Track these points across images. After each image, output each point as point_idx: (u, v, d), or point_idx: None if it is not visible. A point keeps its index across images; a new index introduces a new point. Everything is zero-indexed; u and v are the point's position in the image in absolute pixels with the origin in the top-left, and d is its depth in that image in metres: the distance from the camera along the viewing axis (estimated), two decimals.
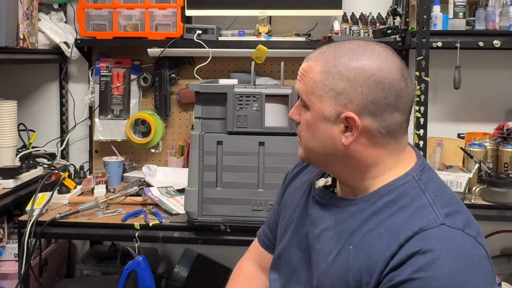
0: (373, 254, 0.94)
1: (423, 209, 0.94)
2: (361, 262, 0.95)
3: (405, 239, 0.90)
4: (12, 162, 2.14)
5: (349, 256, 0.97)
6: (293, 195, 1.20)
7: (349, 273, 0.96)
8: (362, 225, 0.99)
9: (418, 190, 0.98)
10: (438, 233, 0.90)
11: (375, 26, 2.29)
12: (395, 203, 0.97)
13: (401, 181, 1.00)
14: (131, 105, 2.51)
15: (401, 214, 0.95)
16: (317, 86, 0.99)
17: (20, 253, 1.82)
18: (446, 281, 0.85)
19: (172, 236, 1.81)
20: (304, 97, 1.02)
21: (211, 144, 1.70)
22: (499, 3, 2.10)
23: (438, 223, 0.91)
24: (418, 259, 0.87)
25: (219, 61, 2.45)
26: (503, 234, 2.40)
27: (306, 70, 1.02)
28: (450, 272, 0.86)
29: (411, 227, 0.91)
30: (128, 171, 2.42)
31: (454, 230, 0.91)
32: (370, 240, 0.96)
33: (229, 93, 1.70)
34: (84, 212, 1.88)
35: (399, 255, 0.89)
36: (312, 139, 1.03)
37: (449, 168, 2.03)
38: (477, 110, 2.44)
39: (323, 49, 1.03)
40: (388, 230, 0.94)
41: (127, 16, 2.37)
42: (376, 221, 0.97)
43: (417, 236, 0.90)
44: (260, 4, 2.32)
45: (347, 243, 1.00)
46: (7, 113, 2.12)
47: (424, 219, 0.92)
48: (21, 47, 2.10)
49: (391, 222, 0.95)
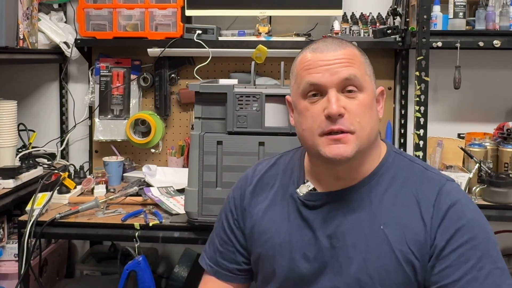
0: (410, 223, 1.03)
1: (425, 173, 1.08)
2: (402, 234, 1.02)
3: (434, 199, 1.03)
4: (12, 162, 2.14)
5: (386, 235, 1.03)
6: (266, 218, 1.15)
7: (395, 249, 1.02)
8: (379, 203, 1.05)
9: (407, 161, 1.11)
10: (451, 187, 1.06)
11: (375, 26, 2.29)
12: (397, 177, 1.08)
13: (389, 158, 1.11)
14: (131, 105, 2.51)
15: (409, 183, 1.06)
16: (366, 67, 1.08)
17: (20, 253, 1.81)
18: (477, 218, 1.03)
19: (172, 236, 1.81)
20: (360, 80, 1.03)
21: (211, 144, 1.70)
22: (499, 3, 2.10)
23: (445, 180, 1.07)
24: (454, 209, 1.02)
25: (219, 61, 2.45)
26: (503, 234, 2.40)
27: (351, 54, 1.05)
28: (475, 211, 1.05)
29: (430, 189, 1.05)
30: (128, 171, 2.42)
31: (453, 182, 1.08)
32: (398, 212, 1.04)
33: (229, 93, 1.70)
34: (84, 212, 1.88)
35: (436, 212, 1.02)
36: (370, 120, 1.05)
37: (449, 168, 2.03)
38: (477, 110, 2.44)
39: (330, 38, 1.09)
40: (409, 200, 1.05)
41: (127, 16, 2.37)
42: (391, 196, 1.06)
43: (441, 193, 1.04)
44: (260, 4, 2.32)
45: (374, 225, 1.04)
46: (7, 113, 2.12)
47: (434, 180, 1.07)
48: (21, 47, 2.10)
49: (406, 192, 1.06)
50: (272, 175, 1.20)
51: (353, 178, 1.08)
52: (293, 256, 1.10)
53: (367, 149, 1.05)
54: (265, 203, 1.17)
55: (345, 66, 1.02)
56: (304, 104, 1.05)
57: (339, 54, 1.03)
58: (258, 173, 1.22)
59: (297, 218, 1.11)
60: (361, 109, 1.02)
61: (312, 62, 1.04)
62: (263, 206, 1.17)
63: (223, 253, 1.23)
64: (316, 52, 1.05)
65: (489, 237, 1.03)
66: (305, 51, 1.08)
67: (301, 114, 1.06)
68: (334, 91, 1.01)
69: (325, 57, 1.03)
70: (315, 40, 1.12)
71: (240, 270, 1.23)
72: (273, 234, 1.13)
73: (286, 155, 1.24)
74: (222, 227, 1.24)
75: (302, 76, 1.06)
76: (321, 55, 1.04)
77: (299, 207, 1.11)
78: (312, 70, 1.04)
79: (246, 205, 1.20)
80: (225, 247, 1.23)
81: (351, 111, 1.01)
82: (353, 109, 1.01)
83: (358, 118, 1.01)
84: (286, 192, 1.15)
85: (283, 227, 1.12)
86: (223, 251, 1.23)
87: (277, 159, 1.25)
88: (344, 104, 1.01)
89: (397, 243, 1.02)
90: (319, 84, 1.02)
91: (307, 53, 1.07)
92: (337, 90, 1.02)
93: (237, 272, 1.23)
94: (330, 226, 1.07)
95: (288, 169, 1.19)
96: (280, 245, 1.12)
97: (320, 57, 1.04)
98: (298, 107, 1.07)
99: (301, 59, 1.08)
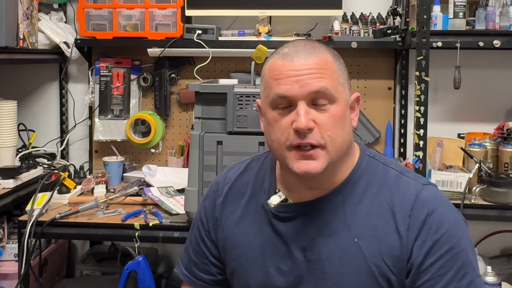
0: (385, 236, 0.99)
1: (400, 179, 1.04)
2: (377, 248, 0.99)
3: (410, 209, 0.99)
4: (12, 162, 2.14)
5: (361, 249, 0.99)
6: (238, 230, 1.12)
7: (370, 263, 0.99)
8: (354, 215, 1.02)
9: (382, 166, 1.06)
10: (428, 194, 1.01)
11: (375, 26, 2.29)
12: (371, 184, 1.04)
13: (362, 163, 1.06)
14: (131, 105, 2.51)
15: (384, 191, 1.02)
16: (339, 75, 1.01)
17: (20, 253, 1.81)
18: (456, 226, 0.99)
19: (172, 236, 1.81)
20: (331, 92, 0.97)
21: (211, 144, 1.70)
22: (499, 3, 2.10)
23: (421, 186, 1.03)
24: (431, 219, 0.98)
25: (219, 61, 2.45)
26: (503, 234, 2.40)
27: (323, 63, 0.99)
28: (453, 218, 1.01)
29: (405, 197, 1.01)
30: (128, 171, 2.42)
31: (429, 186, 1.04)
32: (373, 224, 1.00)
33: (229, 93, 1.70)
34: (84, 212, 1.88)
35: (413, 224, 0.98)
36: (342, 132, 0.99)
37: (449, 168, 2.03)
38: (477, 110, 2.44)
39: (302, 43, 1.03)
40: (384, 210, 1.00)
41: (127, 16, 2.37)
42: (366, 206, 1.02)
43: (417, 202, 1.00)
44: (260, 4, 2.32)
45: (349, 238, 1.01)
46: (7, 113, 2.12)
47: (410, 187, 1.02)
48: (21, 47, 2.10)
49: (380, 201, 1.01)
50: (243, 183, 1.16)
51: (326, 188, 1.04)
52: (267, 270, 1.07)
53: (339, 160, 1.01)
54: (237, 214, 1.13)
55: (316, 78, 0.96)
56: (273, 115, 1.00)
57: (310, 63, 0.97)
58: (229, 181, 1.18)
59: (269, 230, 1.07)
60: (332, 122, 0.97)
61: (281, 72, 0.98)
62: (235, 217, 1.13)
63: (197, 264, 1.20)
64: (286, 59, 0.99)
65: (468, 243, 1.00)
66: (275, 56, 1.02)
67: (270, 124, 1.01)
68: (303, 104, 0.96)
69: (295, 66, 0.97)
70: (287, 43, 1.04)
71: (215, 281, 1.19)
72: (246, 248, 1.10)
73: (257, 160, 1.19)
74: (195, 237, 1.20)
75: (271, 86, 1.00)
76: (291, 64, 0.98)
77: (271, 220, 1.07)
78: (281, 80, 0.98)
79: (218, 215, 1.16)
80: (198, 258, 1.20)
81: (321, 124, 0.96)
82: (324, 122, 0.96)
83: (329, 131, 0.96)
84: (257, 202, 1.11)
85: (256, 240, 1.09)
86: (197, 262, 1.20)
87: (247, 164, 1.19)
88: (314, 117, 0.96)
89: (372, 256, 0.99)
90: (288, 96, 0.97)
91: (277, 60, 1.01)
92: (306, 102, 0.96)
93: (213, 283, 1.20)
94: (304, 239, 1.04)
95: (259, 177, 1.15)
96: (253, 259, 1.09)
97: (290, 66, 0.98)
98: (267, 116, 1.02)
99: (271, 65, 1.02)
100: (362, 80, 2.45)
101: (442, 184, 1.93)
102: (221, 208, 1.16)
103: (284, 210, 1.06)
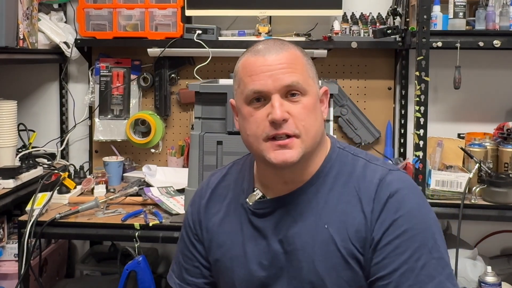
0: (352, 220, 1.03)
1: (367, 167, 1.08)
2: (345, 232, 1.02)
3: (374, 192, 1.03)
4: (12, 162, 2.14)
5: (331, 234, 1.03)
6: (221, 230, 1.16)
7: (339, 247, 1.02)
8: (325, 203, 1.06)
9: (351, 156, 1.11)
10: (392, 177, 1.05)
11: (375, 26, 2.29)
12: (341, 174, 1.08)
13: (333, 155, 1.11)
14: (131, 105, 2.51)
15: (353, 179, 1.07)
16: (308, 68, 1.07)
17: (20, 253, 1.81)
18: (417, 209, 1.02)
19: (172, 236, 1.81)
20: (303, 85, 1.03)
21: (211, 144, 1.70)
22: (499, 3, 2.10)
23: (387, 170, 1.07)
24: (393, 200, 1.02)
25: (219, 61, 2.45)
26: (503, 234, 2.40)
27: (293, 58, 1.05)
28: (417, 200, 1.04)
29: (371, 182, 1.04)
30: (128, 171, 2.42)
31: (397, 171, 1.08)
32: (341, 210, 1.04)
33: (229, 93, 1.70)
34: (84, 212, 1.88)
35: (376, 206, 1.02)
36: (315, 123, 1.04)
37: (449, 168, 2.03)
38: (477, 110, 2.44)
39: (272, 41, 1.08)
40: (352, 196, 1.05)
41: (127, 16, 2.37)
42: (336, 194, 1.06)
43: (381, 186, 1.04)
44: (260, 4, 2.32)
45: (319, 225, 1.04)
46: (7, 113, 2.12)
47: (376, 173, 1.06)
48: (21, 47, 2.10)
49: (349, 189, 1.06)
50: (225, 186, 1.20)
51: (300, 181, 1.08)
52: (250, 267, 1.10)
53: (312, 151, 1.06)
54: (219, 215, 1.17)
55: (288, 73, 1.02)
56: (248, 110, 1.05)
57: (281, 57, 1.03)
58: (212, 185, 1.22)
59: (249, 228, 1.11)
60: (305, 112, 1.02)
61: (254, 68, 1.03)
62: (217, 218, 1.17)
63: (189, 269, 1.22)
64: (258, 55, 1.04)
65: (428, 226, 1.02)
66: (247, 54, 1.07)
67: (245, 119, 1.06)
68: (277, 97, 1.01)
69: (267, 61, 1.03)
70: (257, 41, 1.11)
71: (208, 283, 1.21)
72: (229, 247, 1.13)
73: (237, 164, 1.24)
74: (184, 244, 1.24)
75: (245, 83, 1.05)
76: (263, 59, 1.03)
77: (250, 217, 1.12)
78: (255, 76, 1.03)
79: (202, 218, 1.20)
80: (189, 263, 1.22)
81: (295, 115, 1.01)
82: (297, 112, 1.02)
83: (303, 121, 1.02)
84: (237, 203, 1.15)
85: (238, 238, 1.12)
86: (188, 267, 1.22)
87: (229, 168, 1.24)
88: (288, 108, 1.01)
89: (341, 241, 1.02)
90: (263, 91, 1.02)
91: (249, 57, 1.06)
92: (280, 95, 1.02)
93: (206, 285, 1.22)
94: (281, 231, 1.07)
95: (239, 178, 1.19)
96: (237, 257, 1.12)
97: (262, 62, 1.03)
98: (242, 112, 1.07)
99: (243, 63, 1.07)
100: (362, 80, 2.45)
101: (442, 184, 1.94)
102: (204, 210, 1.20)
103: (261, 207, 1.11)
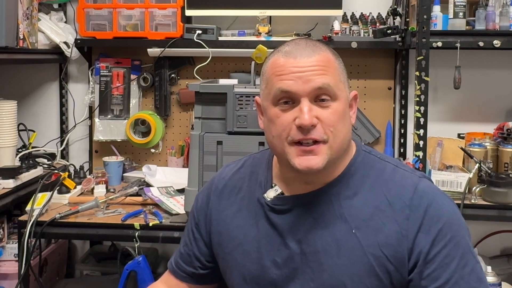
0: (383, 226, 0.99)
1: (396, 172, 1.05)
2: (375, 238, 0.99)
3: (409, 199, 1.00)
4: (12, 162, 2.14)
5: (359, 239, 1.00)
6: (234, 224, 1.13)
7: (367, 253, 0.99)
8: (350, 206, 1.02)
9: (378, 160, 1.08)
10: (425, 185, 1.03)
11: (375, 26, 2.29)
12: (367, 177, 1.05)
13: (358, 158, 1.07)
14: (131, 105, 2.51)
15: (380, 183, 1.03)
16: (340, 72, 1.04)
17: (20, 253, 1.81)
18: (454, 216, 1.01)
19: (172, 236, 1.81)
20: (334, 89, 0.99)
21: (211, 144, 1.70)
22: (499, 3, 2.10)
23: (418, 178, 1.04)
24: (432, 209, 0.99)
25: (219, 61, 2.45)
26: (503, 234, 2.40)
27: (325, 61, 1.00)
28: (451, 207, 1.02)
29: (404, 188, 1.02)
30: (128, 171, 2.42)
31: (426, 179, 1.05)
32: (369, 215, 1.01)
33: (229, 93, 1.70)
34: (84, 212, 1.88)
35: (413, 214, 0.99)
36: (343, 129, 1.01)
37: (449, 168, 2.03)
38: (477, 110, 2.44)
39: (303, 41, 1.05)
40: (380, 201, 1.01)
41: (127, 16, 2.37)
42: (362, 198, 1.03)
43: (416, 193, 1.01)
44: (260, 4, 2.32)
45: (345, 229, 1.01)
46: (7, 113, 2.12)
47: (407, 179, 1.03)
48: (21, 47, 2.10)
49: (376, 193, 1.03)
50: (239, 178, 1.17)
51: (322, 182, 1.05)
52: (263, 263, 1.07)
53: (338, 157, 1.02)
54: (233, 208, 1.14)
55: (319, 75, 0.98)
56: (275, 111, 1.01)
57: (312, 60, 0.99)
58: (225, 176, 1.19)
59: (265, 223, 1.08)
60: (334, 118, 0.98)
61: (284, 68, 0.99)
62: (230, 211, 1.14)
63: (183, 255, 1.23)
64: (289, 57, 1.00)
65: (465, 231, 1.01)
66: (277, 54, 1.03)
67: (271, 121, 1.02)
68: (306, 101, 0.97)
69: (298, 63, 0.99)
70: (288, 41, 1.06)
71: (196, 274, 1.21)
72: (241, 241, 1.10)
73: (254, 157, 1.21)
74: (187, 230, 1.24)
75: (273, 82, 1.01)
76: (294, 61, 0.99)
77: (267, 213, 1.08)
78: (284, 76, 0.99)
79: (212, 209, 1.17)
80: (185, 249, 1.23)
81: (324, 120, 0.98)
82: (326, 118, 0.98)
83: (332, 127, 0.98)
84: (253, 197, 1.12)
85: (251, 233, 1.09)
86: (183, 253, 1.23)
87: (245, 161, 1.21)
88: (317, 113, 0.98)
89: (369, 247, 0.99)
90: (291, 91, 0.98)
91: (279, 57, 1.02)
92: (309, 99, 0.98)
93: (193, 276, 1.22)
94: (299, 231, 1.04)
95: (255, 172, 1.16)
96: (248, 252, 1.09)
97: (293, 63, 0.99)
98: (268, 113, 1.03)
99: (273, 62, 1.03)
100: (362, 80, 2.45)
101: (442, 184, 1.93)
102: (216, 202, 1.17)
103: (280, 203, 1.07)
